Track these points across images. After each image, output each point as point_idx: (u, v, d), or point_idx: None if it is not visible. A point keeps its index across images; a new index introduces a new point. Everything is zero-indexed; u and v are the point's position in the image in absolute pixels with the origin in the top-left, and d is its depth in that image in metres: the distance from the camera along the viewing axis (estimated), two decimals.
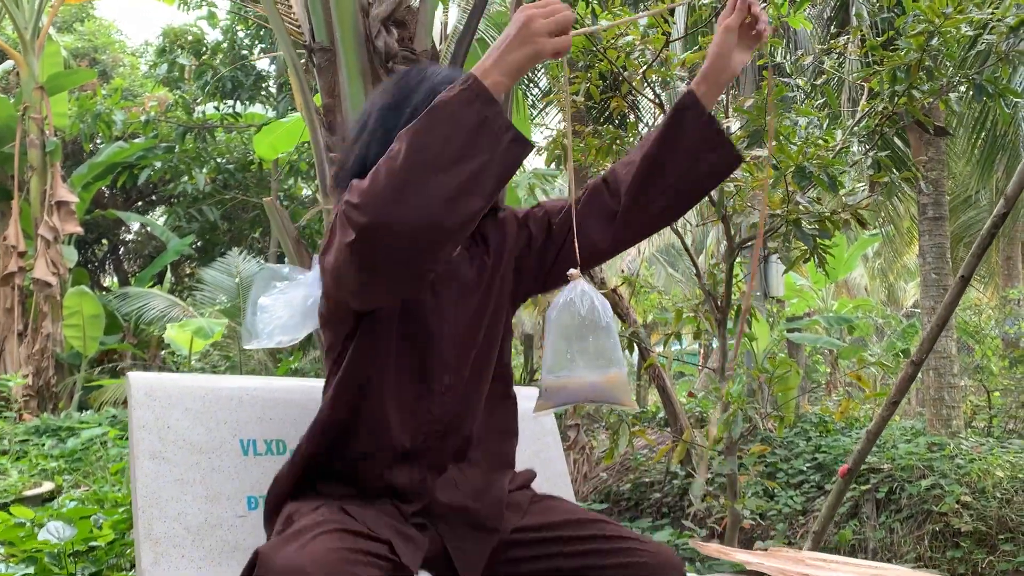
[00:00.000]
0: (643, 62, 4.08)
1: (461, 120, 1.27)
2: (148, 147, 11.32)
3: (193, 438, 1.90)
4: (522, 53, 1.32)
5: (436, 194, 1.25)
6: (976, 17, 3.41)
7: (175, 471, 1.86)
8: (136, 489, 1.80)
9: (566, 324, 1.49)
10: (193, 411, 1.93)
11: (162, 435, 1.88)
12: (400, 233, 1.26)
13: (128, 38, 17.12)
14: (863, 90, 4.28)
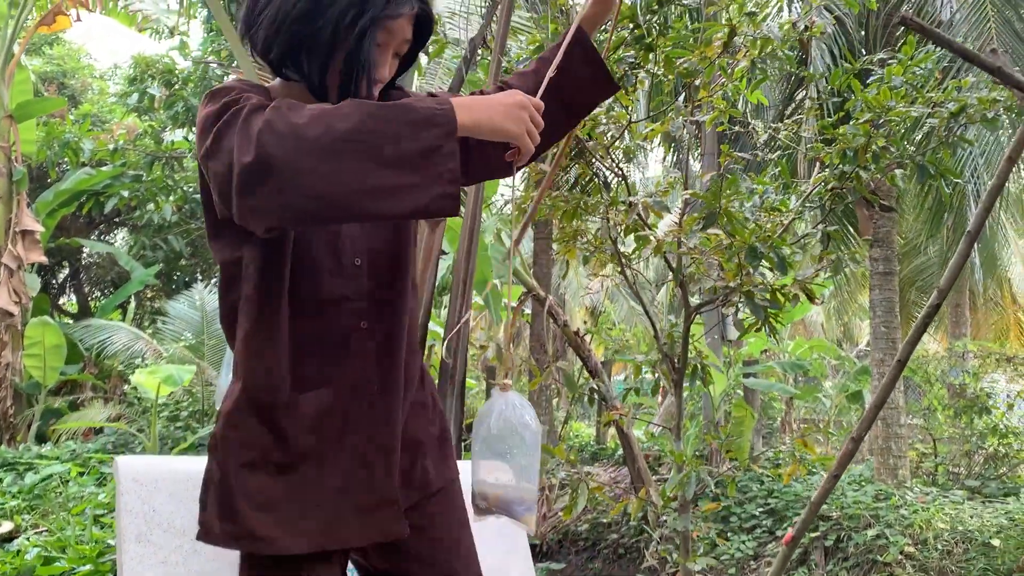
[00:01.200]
0: (608, 133, 4.29)
1: (419, 134, 1.26)
2: (115, 175, 11.30)
3: (176, 521, 2.01)
4: (501, 124, 1.37)
5: (357, 180, 1.24)
6: (913, 114, 3.65)
7: (159, 554, 1.96)
8: (123, 571, 1.91)
9: (492, 434, 1.53)
10: (177, 495, 2.04)
11: (148, 518, 1.98)
12: (303, 187, 1.23)
13: (96, 61, 17.04)
14: (815, 164, 4.53)
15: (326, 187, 1.23)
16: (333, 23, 1.40)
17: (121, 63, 16.91)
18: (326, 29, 1.41)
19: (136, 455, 2.06)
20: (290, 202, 1.24)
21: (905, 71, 4.09)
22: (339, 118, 1.24)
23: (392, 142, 1.25)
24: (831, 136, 4.20)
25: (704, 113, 4.33)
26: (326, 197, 1.24)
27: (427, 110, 1.29)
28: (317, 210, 1.26)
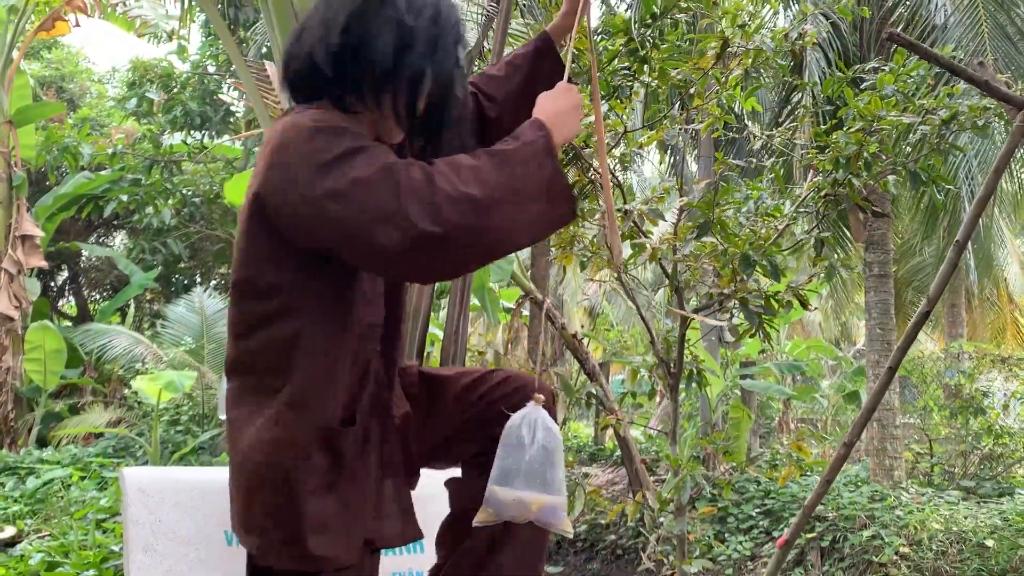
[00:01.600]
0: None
1: (539, 170, 1.46)
2: (114, 179, 11.34)
3: (181, 531, 2.06)
4: (574, 129, 1.58)
5: (514, 223, 1.42)
6: (905, 122, 3.70)
7: (165, 563, 2.01)
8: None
9: (515, 444, 1.65)
10: (182, 505, 2.09)
11: (154, 529, 2.03)
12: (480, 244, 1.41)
13: (95, 64, 17.08)
14: (810, 169, 4.58)
15: (498, 238, 1.41)
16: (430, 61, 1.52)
17: (120, 67, 16.94)
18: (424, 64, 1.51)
19: (141, 467, 2.11)
20: (467, 258, 1.44)
21: (896, 79, 4.14)
22: (485, 175, 1.40)
23: (524, 183, 1.43)
24: (824, 143, 4.25)
25: (699, 121, 4.38)
26: (497, 245, 1.43)
27: (533, 145, 1.47)
28: (487, 257, 1.47)
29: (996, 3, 6.84)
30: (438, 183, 1.36)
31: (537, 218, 1.45)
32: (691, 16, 3.76)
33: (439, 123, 1.57)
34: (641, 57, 3.48)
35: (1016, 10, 6.87)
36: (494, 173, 1.40)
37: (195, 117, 11.71)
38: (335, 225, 1.37)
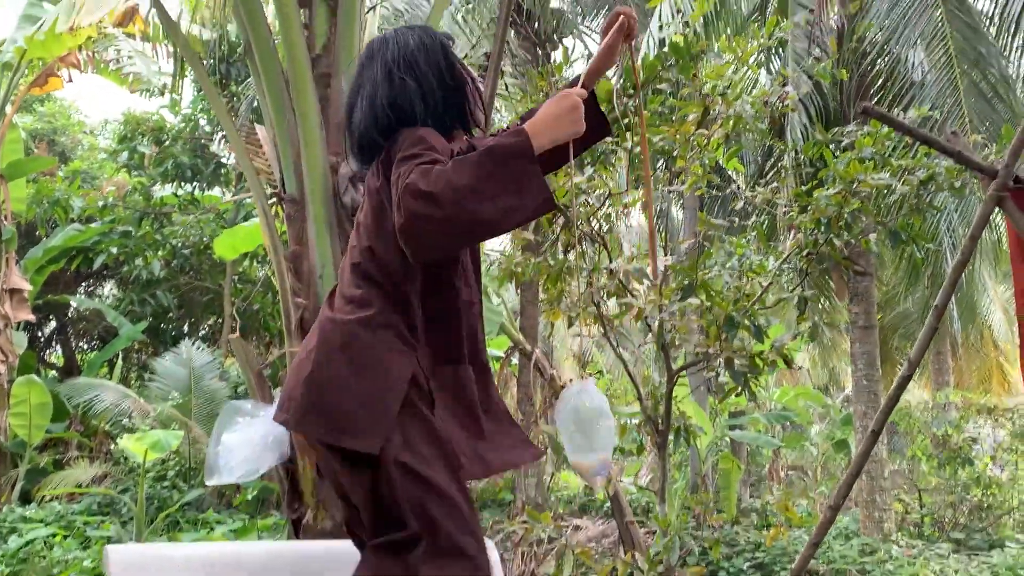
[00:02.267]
0: (590, 203, 4.41)
1: (510, 167, 1.74)
2: (104, 231, 11.37)
3: None
4: (565, 131, 1.83)
5: (492, 210, 1.71)
6: (884, 184, 3.78)
7: None
8: None
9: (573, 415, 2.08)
10: None
11: None
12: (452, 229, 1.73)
13: (87, 117, 17.22)
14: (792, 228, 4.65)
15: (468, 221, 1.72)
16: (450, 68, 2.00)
17: (112, 119, 17.08)
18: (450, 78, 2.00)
19: (125, 544, 2.08)
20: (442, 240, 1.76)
21: (875, 142, 4.24)
22: (456, 173, 1.71)
23: (491, 179, 1.71)
24: (805, 203, 4.33)
25: (682, 180, 4.46)
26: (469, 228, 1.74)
27: (508, 147, 1.76)
28: (462, 237, 1.80)
29: (971, 62, 7.01)
30: (407, 182, 1.70)
31: (510, 208, 1.72)
32: (672, 84, 3.86)
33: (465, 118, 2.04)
34: (625, 125, 3.56)
35: (990, 69, 7.04)
36: (453, 175, 1.70)
37: (186, 170, 11.80)
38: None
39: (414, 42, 2.00)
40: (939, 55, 7.13)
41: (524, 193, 1.73)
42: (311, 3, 3.76)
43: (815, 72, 4.57)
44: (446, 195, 1.68)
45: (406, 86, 1.94)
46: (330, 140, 3.54)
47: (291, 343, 3.38)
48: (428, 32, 2.05)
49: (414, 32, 2.04)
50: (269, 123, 3.80)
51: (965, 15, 7.32)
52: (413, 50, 1.98)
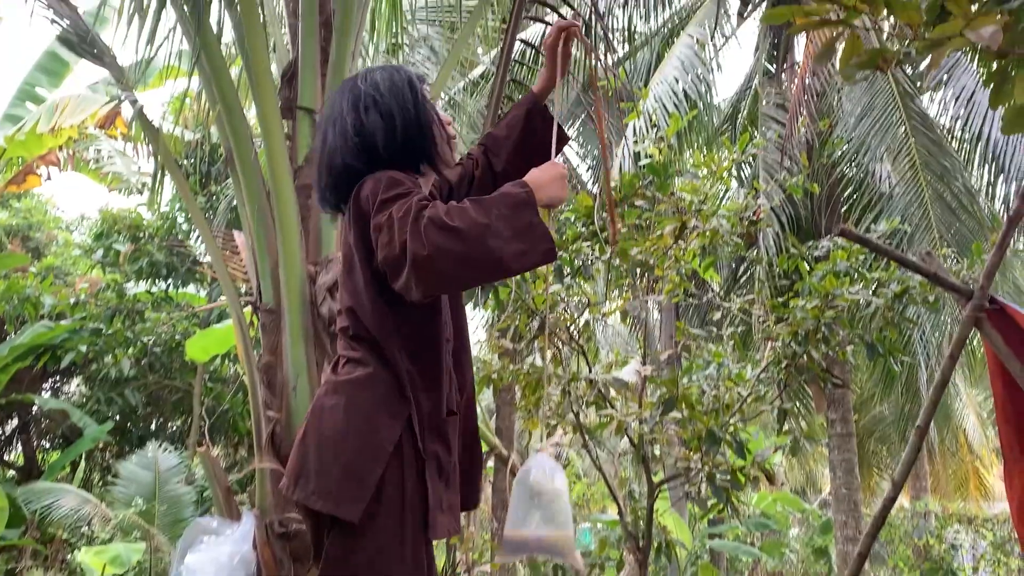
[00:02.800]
0: (568, 311, 4.40)
1: (520, 215, 1.83)
2: (74, 328, 11.17)
3: None
4: (557, 194, 1.94)
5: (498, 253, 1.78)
6: (859, 298, 3.82)
7: None
8: None
9: (526, 488, 1.95)
10: None
11: None
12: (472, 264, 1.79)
13: (63, 212, 17.19)
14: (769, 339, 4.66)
15: (480, 260, 1.78)
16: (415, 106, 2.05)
17: (88, 215, 17.08)
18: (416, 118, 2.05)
19: None
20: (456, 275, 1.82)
21: (849, 256, 4.31)
22: (469, 214, 1.78)
23: (500, 223, 1.79)
24: (781, 315, 4.35)
25: (659, 289, 4.48)
26: (481, 267, 1.80)
27: (517, 196, 1.85)
28: (475, 274, 1.85)
29: (936, 176, 7.24)
30: (428, 215, 1.77)
31: (520, 252, 1.80)
32: (649, 199, 3.92)
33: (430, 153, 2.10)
34: (604, 239, 3.60)
35: (954, 182, 7.26)
36: (475, 214, 1.78)
37: (161, 267, 11.72)
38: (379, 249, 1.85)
39: (381, 79, 2.07)
40: (905, 168, 7.35)
41: (534, 240, 1.83)
42: (294, 114, 3.81)
43: (787, 186, 4.67)
44: (471, 231, 1.76)
45: (372, 122, 2.01)
46: (309, 250, 3.53)
47: (261, 458, 3.27)
48: (398, 70, 2.11)
49: (384, 70, 2.11)
50: (248, 230, 3.78)
51: (928, 130, 7.59)
52: (379, 87, 2.05)
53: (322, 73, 3.76)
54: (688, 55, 8.77)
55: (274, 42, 4.42)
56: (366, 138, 2.01)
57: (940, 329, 7.27)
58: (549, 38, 2.20)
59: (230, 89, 3.64)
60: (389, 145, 2.02)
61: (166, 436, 12.65)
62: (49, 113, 8.32)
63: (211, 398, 12.10)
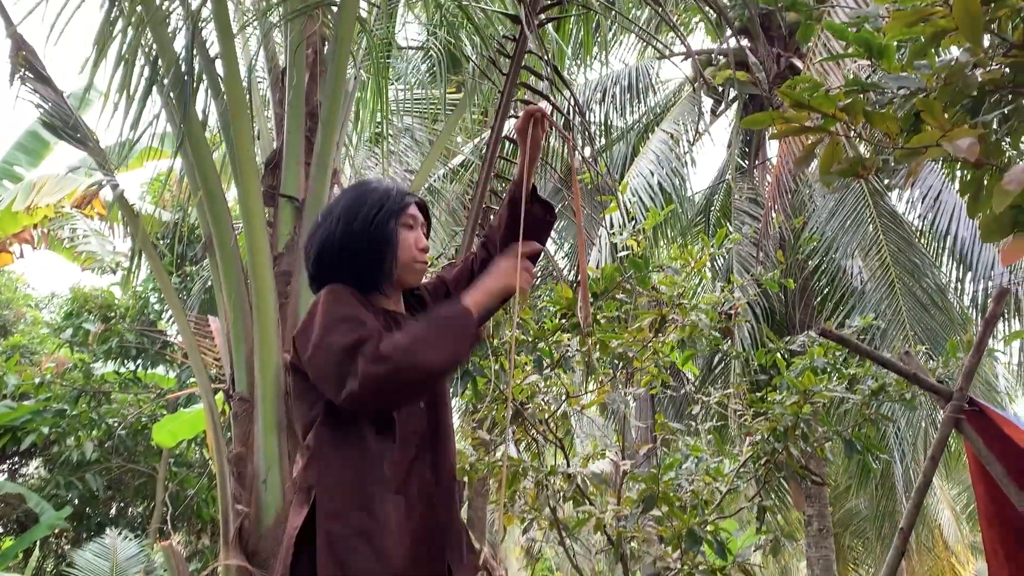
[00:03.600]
0: (547, 402, 4.36)
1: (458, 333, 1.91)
2: (37, 409, 10.90)
3: None
4: (509, 288, 2.07)
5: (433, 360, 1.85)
6: (836, 395, 3.83)
7: None
8: None
9: None
10: None
11: None
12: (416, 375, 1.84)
13: (34, 289, 16.95)
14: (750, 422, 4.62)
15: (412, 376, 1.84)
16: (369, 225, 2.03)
17: (59, 292, 16.86)
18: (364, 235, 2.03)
19: None
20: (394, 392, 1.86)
21: (826, 352, 4.33)
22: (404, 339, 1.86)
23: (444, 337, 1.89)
24: (759, 409, 4.34)
25: (637, 379, 4.46)
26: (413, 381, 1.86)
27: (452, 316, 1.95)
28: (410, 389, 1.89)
29: (907, 272, 7.37)
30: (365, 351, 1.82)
31: (453, 355, 1.90)
32: (629, 300, 3.93)
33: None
34: (582, 330, 3.59)
35: (924, 279, 7.40)
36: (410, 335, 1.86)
37: (131, 348, 11.55)
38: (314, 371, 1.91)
39: (348, 196, 2.11)
40: (876, 265, 7.48)
41: (459, 340, 1.91)
42: (276, 202, 3.82)
43: (763, 281, 4.72)
44: (396, 354, 1.83)
45: (321, 235, 2.07)
46: (286, 337, 3.48)
47: (227, 554, 3.15)
48: (374, 190, 2.11)
49: (360, 187, 2.14)
50: (224, 316, 3.74)
51: (898, 227, 7.76)
52: (341, 202, 2.10)
53: (306, 162, 3.80)
54: (663, 150, 8.98)
55: (259, 129, 4.46)
56: (312, 249, 2.08)
57: (914, 426, 7.28)
58: (519, 123, 2.24)
59: (213, 175, 3.65)
60: (329, 261, 2.06)
61: (127, 522, 12.22)
62: (26, 192, 8.29)
63: (175, 483, 11.75)
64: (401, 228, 2.08)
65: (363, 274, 2.05)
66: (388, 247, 2.06)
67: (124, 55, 3.99)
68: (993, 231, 2.02)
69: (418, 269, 2.13)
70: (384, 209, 2.07)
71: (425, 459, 2.03)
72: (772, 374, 4.53)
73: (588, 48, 4.86)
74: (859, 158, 2.09)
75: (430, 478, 2.02)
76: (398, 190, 2.13)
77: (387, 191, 2.11)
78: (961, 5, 1.88)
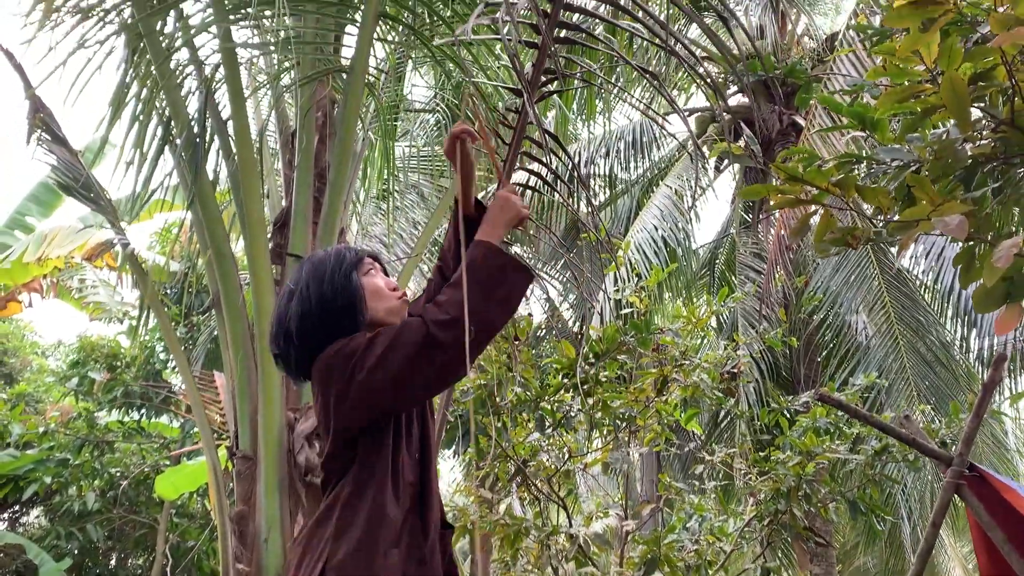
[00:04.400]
0: (549, 461, 4.35)
1: (493, 266, 2.02)
2: (40, 459, 10.89)
3: None
4: (512, 217, 2.14)
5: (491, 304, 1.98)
6: (838, 456, 3.83)
7: None
8: None
9: None
10: None
11: None
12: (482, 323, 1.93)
13: (41, 337, 17.04)
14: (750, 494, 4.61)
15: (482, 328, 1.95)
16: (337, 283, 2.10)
17: (66, 340, 16.92)
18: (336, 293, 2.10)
19: None
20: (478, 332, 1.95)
21: (829, 411, 4.33)
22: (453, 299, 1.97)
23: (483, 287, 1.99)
24: (763, 469, 4.33)
25: (640, 437, 4.45)
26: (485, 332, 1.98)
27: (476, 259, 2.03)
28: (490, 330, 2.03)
29: (911, 330, 7.38)
30: (427, 317, 1.95)
31: (508, 295, 2.03)
32: (630, 352, 3.96)
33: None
34: (586, 391, 3.61)
35: (928, 336, 7.40)
36: (459, 294, 1.95)
37: (135, 398, 11.56)
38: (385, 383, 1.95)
39: (306, 270, 2.17)
40: (880, 320, 7.49)
41: (514, 273, 2.04)
42: (284, 260, 3.87)
43: (766, 339, 4.74)
44: (462, 314, 1.92)
45: (307, 306, 2.11)
46: (289, 396, 3.51)
47: None
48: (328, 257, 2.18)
49: (313, 260, 2.21)
50: (229, 373, 3.77)
51: (901, 284, 7.79)
52: (307, 278, 2.14)
53: (314, 222, 3.86)
54: (667, 204, 9.07)
55: (267, 188, 4.54)
56: (291, 325, 2.11)
57: (922, 481, 7.22)
58: (446, 147, 2.30)
59: (222, 234, 3.72)
60: (312, 329, 2.10)
61: (126, 574, 12.11)
62: (37, 243, 8.40)
63: (176, 534, 11.66)
64: (363, 278, 2.16)
65: (345, 327, 2.10)
66: (357, 296, 2.14)
67: (138, 115, 4.10)
68: (985, 303, 2.05)
69: (396, 308, 2.19)
70: (344, 265, 2.16)
71: (416, 510, 2.07)
72: (775, 433, 4.53)
73: (592, 111, 4.96)
74: (850, 229, 2.14)
75: (421, 528, 2.06)
76: (347, 248, 2.24)
77: (338, 252, 2.21)
78: (948, 85, 1.94)
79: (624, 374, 4.03)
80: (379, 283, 2.18)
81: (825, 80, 6.40)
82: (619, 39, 3.48)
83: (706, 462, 4.54)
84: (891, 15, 1.87)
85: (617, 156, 10.86)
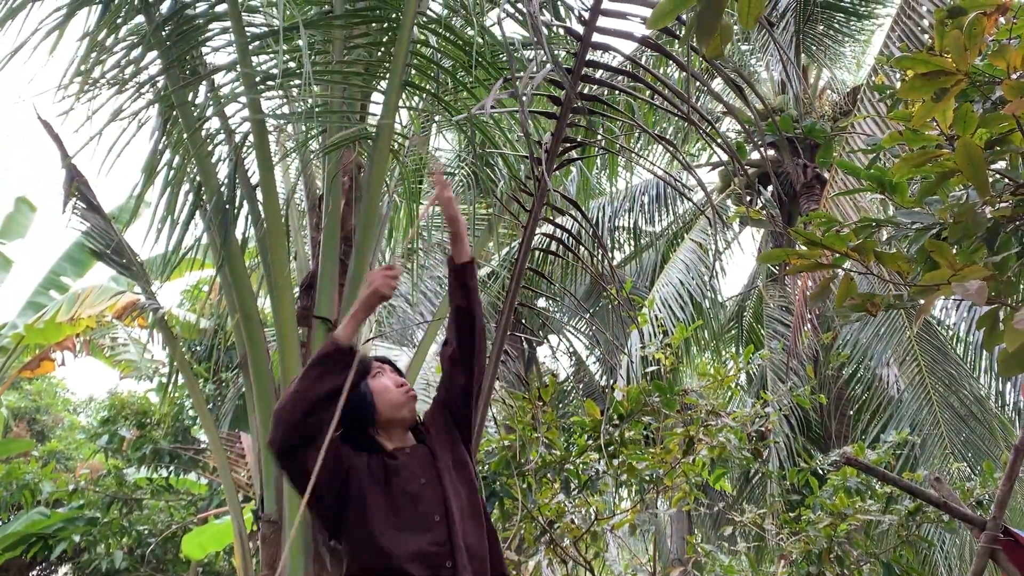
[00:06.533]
0: (575, 523, 4.31)
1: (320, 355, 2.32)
2: (70, 518, 10.93)
3: None
4: (370, 296, 2.36)
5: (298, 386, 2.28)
6: (870, 518, 3.75)
7: None
8: None
9: None
10: None
11: None
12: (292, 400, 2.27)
13: (73, 393, 17.28)
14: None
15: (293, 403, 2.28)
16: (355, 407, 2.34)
17: (97, 396, 17.09)
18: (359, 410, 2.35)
19: None
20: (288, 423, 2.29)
21: (859, 472, 4.26)
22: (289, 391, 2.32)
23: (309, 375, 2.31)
24: (794, 529, 4.25)
25: (667, 498, 4.40)
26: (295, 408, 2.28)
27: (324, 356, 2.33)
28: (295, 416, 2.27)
29: (944, 384, 7.26)
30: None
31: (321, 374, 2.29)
32: (655, 414, 3.94)
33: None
34: (611, 453, 3.59)
35: (962, 390, 7.27)
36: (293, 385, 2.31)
37: (164, 455, 11.61)
38: None
39: None
40: (913, 373, 7.39)
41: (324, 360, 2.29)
42: (311, 323, 3.92)
43: (794, 397, 4.69)
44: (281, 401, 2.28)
45: None
46: None
47: None
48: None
49: None
50: (255, 435, 3.80)
51: (933, 338, 7.69)
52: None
53: (340, 284, 3.91)
54: (692, 258, 9.07)
55: (295, 251, 4.62)
56: None
57: (961, 540, 7.03)
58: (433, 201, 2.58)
59: (250, 298, 3.78)
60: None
61: None
62: (71, 302, 8.56)
63: None
64: (371, 381, 2.40)
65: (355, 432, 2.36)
66: (369, 405, 2.37)
67: (170, 181, 4.22)
68: (1009, 366, 2.03)
69: (404, 401, 2.40)
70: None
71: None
72: (806, 492, 4.46)
73: (614, 171, 5.01)
74: (870, 295, 2.14)
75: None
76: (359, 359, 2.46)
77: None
78: (963, 151, 1.95)
79: (651, 434, 4.00)
80: (386, 383, 2.40)
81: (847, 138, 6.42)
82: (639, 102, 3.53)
83: (736, 523, 4.47)
84: (904, 87, 1.90)
85: (642, 210, 10.92)
